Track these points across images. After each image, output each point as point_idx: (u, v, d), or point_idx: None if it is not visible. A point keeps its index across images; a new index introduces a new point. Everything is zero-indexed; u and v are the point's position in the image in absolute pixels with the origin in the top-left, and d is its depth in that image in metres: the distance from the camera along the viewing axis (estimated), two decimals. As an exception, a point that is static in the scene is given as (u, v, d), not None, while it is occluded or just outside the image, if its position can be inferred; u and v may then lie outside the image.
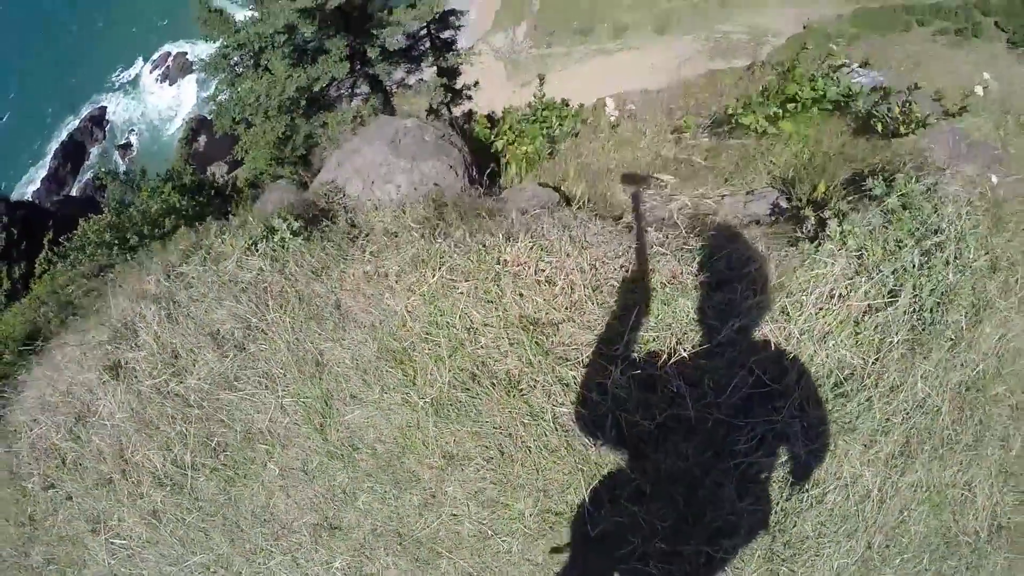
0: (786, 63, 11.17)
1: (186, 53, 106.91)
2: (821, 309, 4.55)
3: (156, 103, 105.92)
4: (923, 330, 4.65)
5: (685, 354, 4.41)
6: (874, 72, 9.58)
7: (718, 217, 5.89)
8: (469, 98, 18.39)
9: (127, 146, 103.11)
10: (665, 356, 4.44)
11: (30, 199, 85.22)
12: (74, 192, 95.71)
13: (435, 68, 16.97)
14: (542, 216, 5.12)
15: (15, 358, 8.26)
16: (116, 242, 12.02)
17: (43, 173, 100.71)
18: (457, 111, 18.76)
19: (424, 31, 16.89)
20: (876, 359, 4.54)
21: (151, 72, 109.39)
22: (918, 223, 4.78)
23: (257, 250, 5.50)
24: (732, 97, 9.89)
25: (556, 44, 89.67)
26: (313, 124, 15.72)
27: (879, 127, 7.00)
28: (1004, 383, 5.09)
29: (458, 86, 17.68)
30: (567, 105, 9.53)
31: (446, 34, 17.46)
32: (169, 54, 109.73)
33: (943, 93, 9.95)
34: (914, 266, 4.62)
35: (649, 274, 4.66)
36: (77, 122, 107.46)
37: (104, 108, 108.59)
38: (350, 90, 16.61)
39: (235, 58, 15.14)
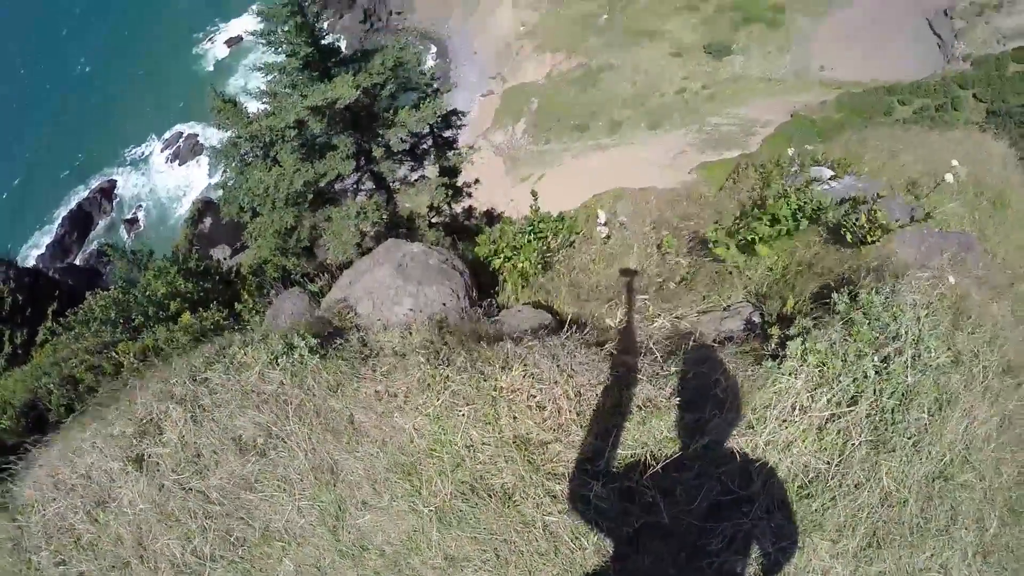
0: (767, 168, 11.83)
1: (197, 135, 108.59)
2: (784, 421, 4.99)
3: (165, 182, 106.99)
4: (885, 429, 5.00)
5: (659, 468, 4.86)
6: (849, 177, 10.04)
7: (695, 335, 6.43)
8: (469, 195, 18.85)
9: (134, 221, 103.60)
10: (641, 470, 4.90)
11: (34, 263, 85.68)
12: (78, 261, 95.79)
13: (437, 167, 17.57)
14: (534, 346, 5.70)
15: (13, 424, 8.61)
16: (121, 320, 12.19)
17: (48, 239, 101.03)
18: (458, 207, 19.40)
19: (427, 130, 17.45)
20: (839, 461, 4.90)
21: (162, 151, 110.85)
22: (877, 332, 5.24)
23: (278, 364, 6.04)
24: (714, 209, 10.54)
25: (554, 140, 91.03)
26: (318, 218, 16.08)
27: (848, 237, 7.48)
28: (973, 469, 5.31)
29: (459, 183, 18.14)
30: (562, 219, 10.15)
31: (448, 133, 17.92)
32: (181, 134, 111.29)
33: (917, 186, 10.48)
34: (875, 372, 5.05)
35: (627, 399, 5.22)
36: (87, 192, 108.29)
37: (114, 181, 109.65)
38: (355, 186, 17.02)
39: (245, 148, 15.40)
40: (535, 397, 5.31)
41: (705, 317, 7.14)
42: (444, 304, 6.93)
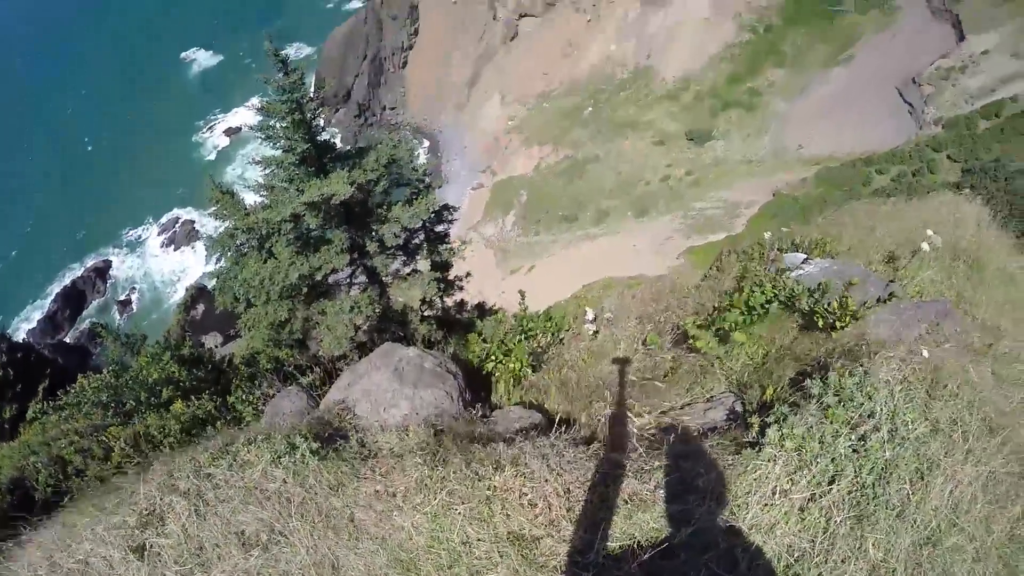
0: (748, 253, 12.24)
1: (194, 222, 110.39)
2: (766, 505, 5.23)
3: (160, 266, 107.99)
4: (867, 504, 5.17)
5: (646, 557, 5.08)
6: (824, 260, 10.34)
7: (679, 428, 6.75)
8: (461, 288, 19.10)
9: (127, 303, 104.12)
10: (629, 560, 5.12)
11: (25, 337, 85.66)
12: (68, 339, 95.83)
13: (429, 261, 17.85)
14: (525, 446, 6.02)
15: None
16: (112, 404, 12.26)
17: (40, 314, 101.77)
18: (449, 301, 19.61)
19: (420, 225, 17.76)
20: (823, 538, 5.07)
21: (158, 235, 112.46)
22: (852, 412, 5.49)
23: (281, 463, 6.30)
24: (696, 301, 10.92)
25: (543, 232, 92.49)
26: (312, 311, 16.20)
27: (820, 323, 7.85)
28: (962, 531, 5.34)
29: (450, 277, 18.35)
30: (550, 317, 10.53)
31: (439, 228, 18.21)
32: (178, 219, 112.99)
33: (895, 258, 10.76)
34: (852, 451, 5.28)
35: (614, 494, 5.52)
36: (81, 270, 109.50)
37: (109, 262, 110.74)
38: (348, 279, 17.20)
39: (241, 239, 15.42)
40: (527, 495, 5.57)
41: (689, 409, 7.45)
42: (439, 407, 7.25)
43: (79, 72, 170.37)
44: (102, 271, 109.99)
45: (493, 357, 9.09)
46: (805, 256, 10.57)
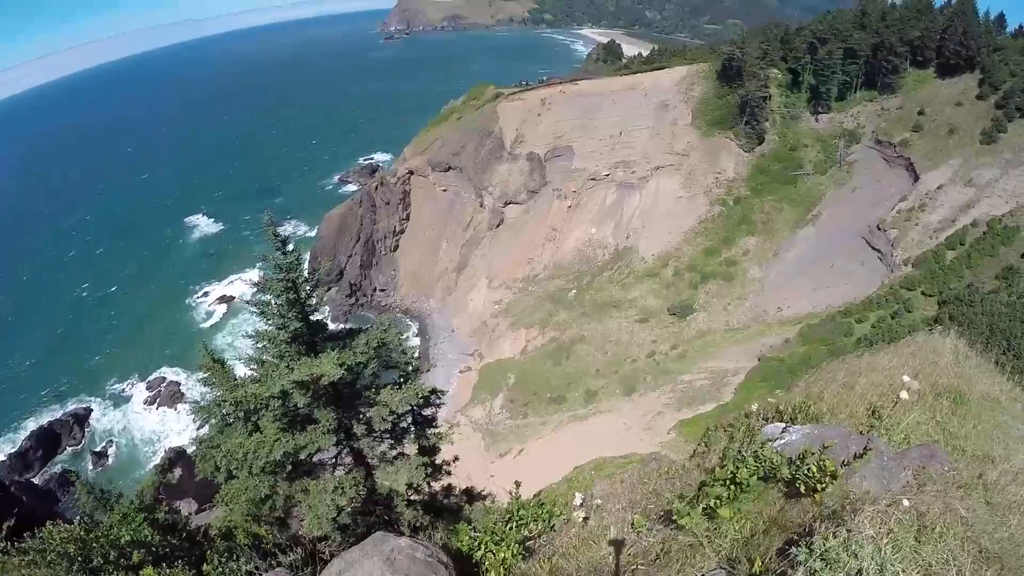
0: (734, 426, 12.29)
1: (180, 384, 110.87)
2: None
3: (140, 423, 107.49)
4: None
5: None
6: (804, 427, 10.31)
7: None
8: (448, 473, 18.96)
9: (102, 455, 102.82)
10: None
11: None
12: (37, 480, 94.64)
13: (416, 445, 17.71)
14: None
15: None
16: (79, 559, 11.71)
17: (12, 449, 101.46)
18: (437, 485, 19.37)
19: (407, 408, 17.78)
20: None
21: (143, 391, 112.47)
22: (839, 573, 5.48)
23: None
24: (683, 481, 10.94)
25: (532, 414, 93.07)
26: (295, 488, 15.94)
27: (802, 488, 7.87)
28: None
29: (438, 461, 18.23)
30: (541, 504, 10.51)
31: (427, 411, 18.32)
32: (164, 379, 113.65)
33: (878, 409, 10.80)
34: None
35: None
36: (60, 413, 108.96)
37: (90, 410, 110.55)
38: (334, 459, 17.00)
39: (228, 409, 15.38)
40: None
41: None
42: (433, 599, 7.17)
43: (84, 221, 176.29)
44: (81, 418, 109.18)
45: (483, 546, 9.03)
46: (784, 426, 10.69)
